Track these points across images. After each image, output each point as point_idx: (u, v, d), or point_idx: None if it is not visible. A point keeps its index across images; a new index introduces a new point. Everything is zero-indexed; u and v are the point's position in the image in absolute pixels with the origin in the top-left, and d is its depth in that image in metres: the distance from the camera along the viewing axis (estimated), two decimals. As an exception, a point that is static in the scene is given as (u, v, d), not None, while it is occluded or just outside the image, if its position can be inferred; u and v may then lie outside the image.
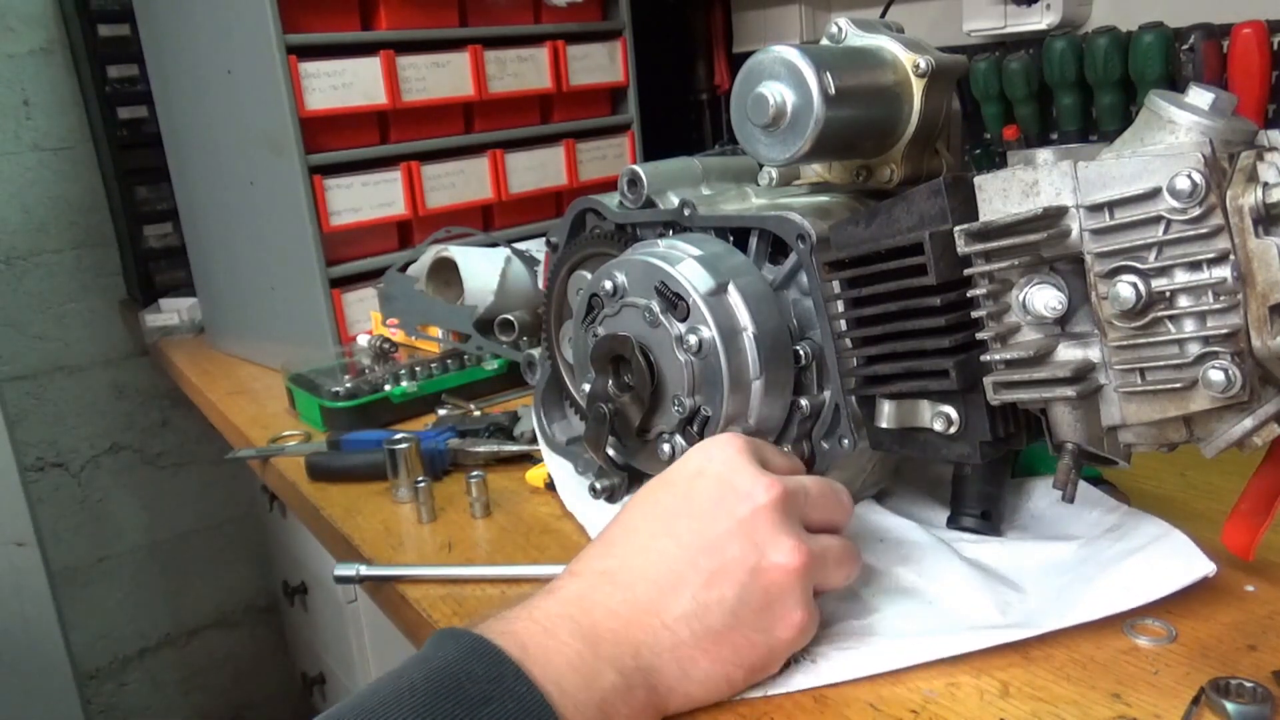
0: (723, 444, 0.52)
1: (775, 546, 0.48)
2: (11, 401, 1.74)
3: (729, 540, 0.48)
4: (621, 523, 0.52)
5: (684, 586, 0.48)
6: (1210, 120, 0.46)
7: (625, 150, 1.38)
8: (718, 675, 0.48)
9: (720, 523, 0.49)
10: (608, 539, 0.51)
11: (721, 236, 0.64)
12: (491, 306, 0.97)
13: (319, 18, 1.09)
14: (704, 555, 0.48)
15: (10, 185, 1.69)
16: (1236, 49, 0.94)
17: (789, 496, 0.50)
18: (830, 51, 0.60)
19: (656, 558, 0.49)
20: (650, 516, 0.51)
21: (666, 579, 0.48)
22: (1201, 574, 0.51)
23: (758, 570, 0.48)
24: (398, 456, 0.79)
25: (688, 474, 0.52)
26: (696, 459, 0.52)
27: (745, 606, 0.47)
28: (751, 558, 0.48)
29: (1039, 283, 0.49)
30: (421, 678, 0.42)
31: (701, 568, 0.48)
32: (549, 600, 0.48)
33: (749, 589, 0.48)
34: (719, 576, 0.48)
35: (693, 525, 0.49)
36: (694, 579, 0.48)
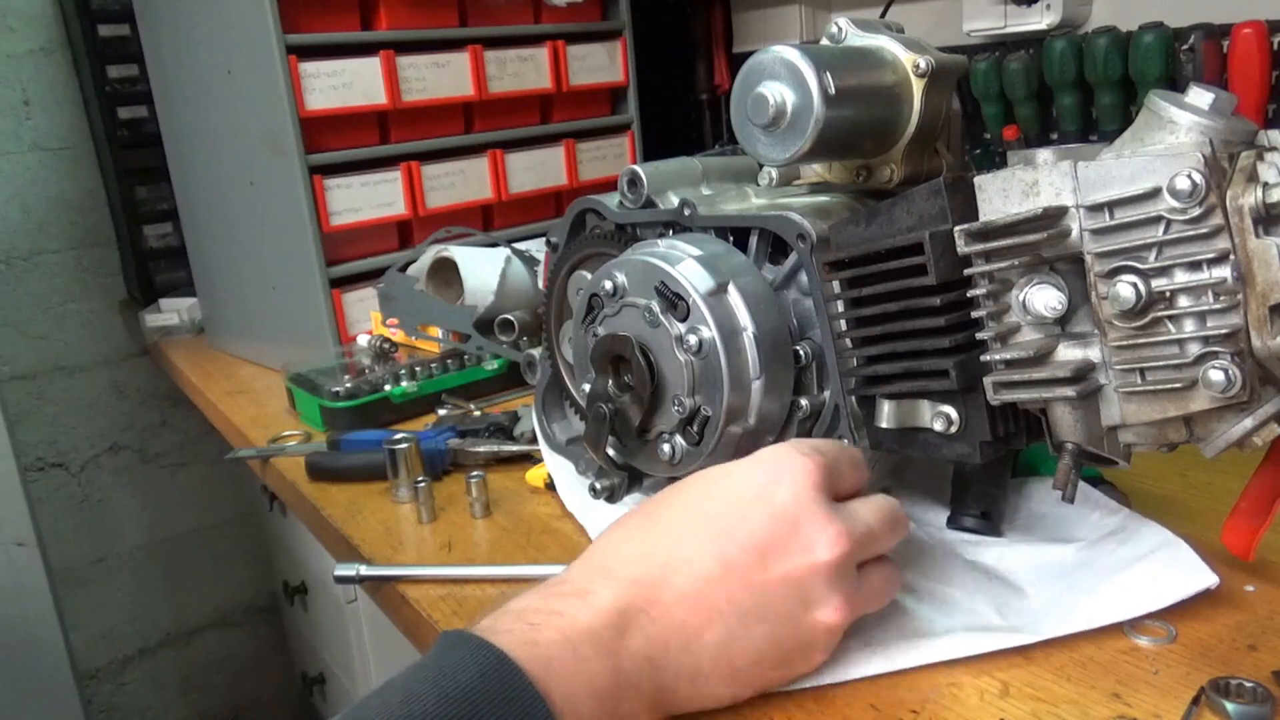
0: (795, 472, 0.48)
1: (824, 604, 0.47)
2: (11, 401, 1.74)
3: (777, 587, 0.46)
4: (664, 521, 0.49)
5: (719, 620, 0.45)
6: (1210, 120, 0.46)
7: (625, 150, 1.38)
8: (726, 697, 0.47)
9: (773, 566, 0.46)
10: (646, 536, 0.48)
11: (721, 236, 0.64)
12: (491, 306, 0.97)
13: (319, 18, 1.09)
14: (747, 593, 0.46)
15: (10, 185, 1.69)
16: (1236, 49, 0.94)
17: (853, 551, 0.47)
18: (830, 51, 0.60)
19: (700, 581, 0.46)
20: (698, 527, 0.48)
21: (704, 608, 0.46)
22: (1204, 586, 0.51)
23: (799, 622, 0.46)
24: (398, 456, 0.79)
25: (750, 494, 0.48)
26: (761, 479, 0.48)
27: (775, 650, 0.47)
28: (797, 611, 0.46)
29: (1039, 283, 0.49)
30: (434, 699, 0.40)
31: (741, 605, 0.46)
32: (581, 608, 0.44)
33: (783, 637, 0.46)
34: (756, 618, 0.46)
35: (743, 558, 0.46)
36: (730, 614, 0.46)
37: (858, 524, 0.48)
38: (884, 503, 0.51)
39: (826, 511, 0.47)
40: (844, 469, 0.51)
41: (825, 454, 0.50)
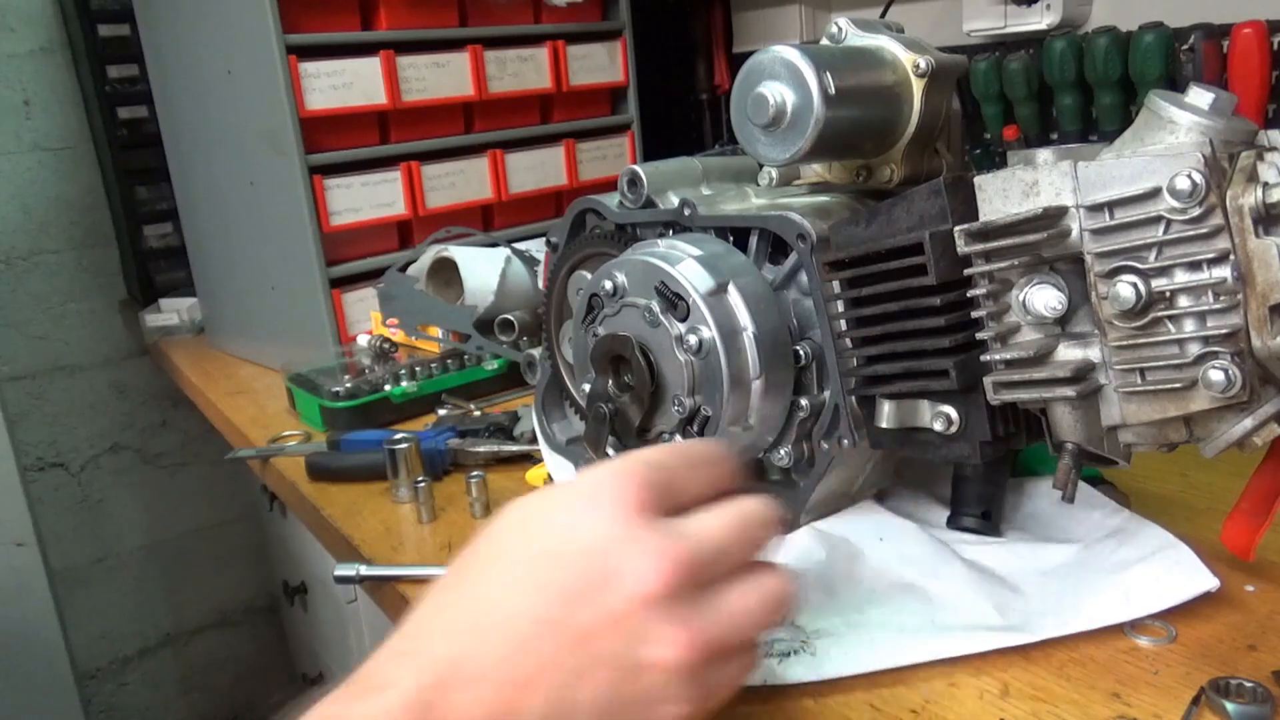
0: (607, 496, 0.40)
1: (656, 641, 0.38)
2: (11, 401, 1.74)
3: (602, 633, 0.38)
4: (475, 579, 0.41)
5: (544, 685, 0.38)
6: (1210, 120, 0.46)
7: (625, 150, 1.38)
8: None
9: (593, 608, 0.38)
10: (458, 601, 0.41)
11: (721, 236, 0.64)
12: (491, 306, 0.97)
13: (319, 18, 1.09)
14: (570, 649, 0.38)
15: (10, 185, 1.69)
16: (1236, 49, 0.94)
17: (683, 571, 0.39)
18: (830, 51, 0.60)
19: (516, 646, 0.38)
20: (511, 581, 0.40)
21: (524, 674, 0.38)
22: (1204, 589, 0.51)
23: (635, 670, 0.38)
24: (398, 456, 0.79)
25: (560, 530, 0.41)
26: (571, 511, 0.41)
27: (619, 708, 0.38)
28: (629, 656, 0.38)
29: (1039, 283, 0.49)
30: None
31: (565, 664, 0.38)
32: (373, 706, 0.37)
33: (622, 690, 0.38)
34: (587, 675, 0.38)
35: (559, 609, 0.39)
36: (556, 677, 0.38)
37: (690, 538, 0.40)
38: (735, 506, 0.43)
39: (644, 534, 0.39)
40: (683, 474, 0.43)
41: (653, 464, 0.42)
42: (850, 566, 0.59)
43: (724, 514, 0.42)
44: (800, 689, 0.50)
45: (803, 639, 0.53)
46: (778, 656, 0.51)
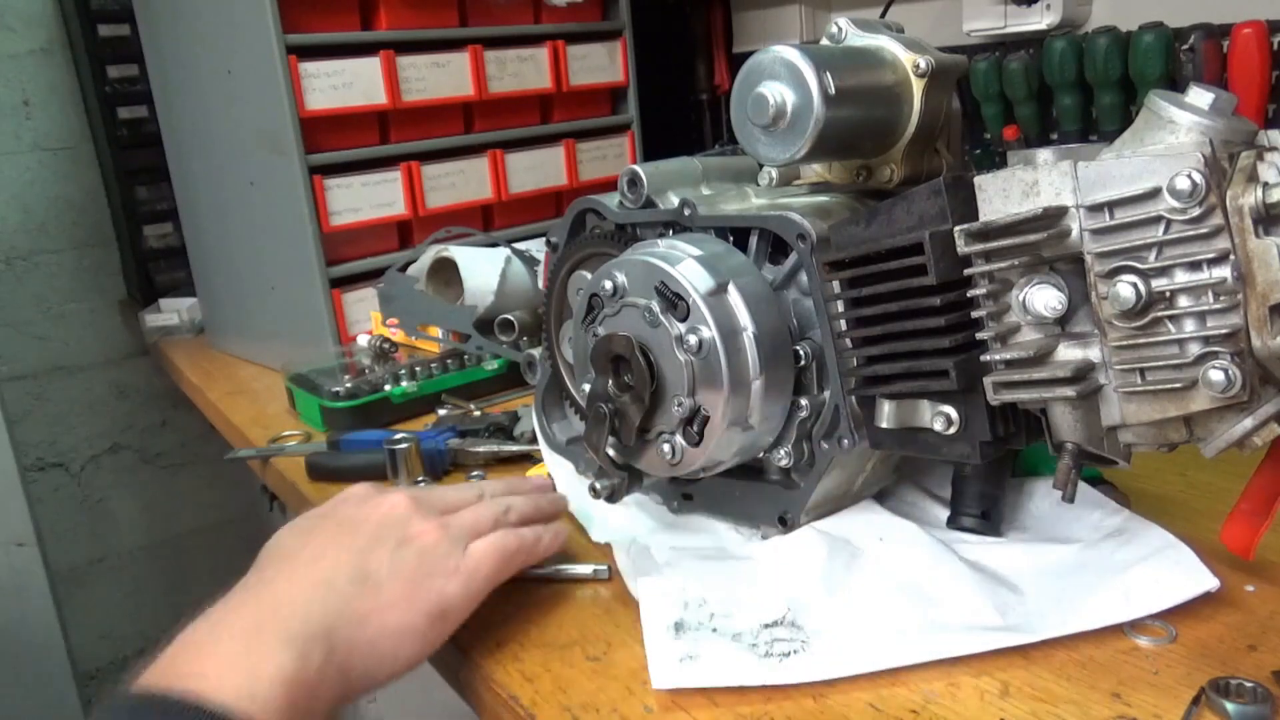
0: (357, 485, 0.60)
1: (414, 525, 0.55)
2: (11, 401, 1.74)
3: (374, 528, 0.55)
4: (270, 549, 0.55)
5: (340, 558, 0.52)
6: (1210, 120, 0.46)
7: (625, 150, 1.38)
8: (396, 623, 0.51)
9: (364, 520, 0.55)
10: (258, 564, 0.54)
11: (721, 236, 0.64)
12: (491, 306, 0.97)
13: (319, 18, 1.08)
14: (352, 540, 0.54)
15: (10, 185, 1.69)
16: (1236, 49, 0.94)
17: (417, 499, 0.57)
18: (830, 51, 0.60)
19: (310, 555, 0.53)
20: (297, 535, 0.55)
21: (321, 558, 0.52)
22: (1205, 589, 0.51)
23: (404, 539, 0.54)
24: (398, 456, 0.79)
25: (329, 505, 0.58)
26: (337, 497, 0.59)
27: (403, 564, 0.53)
28: (396, 532, 0.54)
29: (1039, 283, 0.49)
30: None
31: (354, 547, 0.53)
32: (203, 624, 0.47)
33: (400, 551, 0.53)
34: (371, 548, 0.53)
35: (340, 528, 0.55)
36: (347, 556, 0.52)
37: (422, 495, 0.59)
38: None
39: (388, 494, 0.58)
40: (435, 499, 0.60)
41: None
42: (850, 566, 0.59)
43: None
44: (800, 689, 0.50)
45: (803, 639, 0.53)
46: (778, 656, 0.51)
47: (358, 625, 0.49)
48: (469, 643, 0.57)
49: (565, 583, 0.63)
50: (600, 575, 0.63)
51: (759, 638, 0.53)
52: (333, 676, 0.47)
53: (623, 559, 0.63)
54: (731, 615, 0.55)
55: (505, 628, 0.58)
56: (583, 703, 0.51)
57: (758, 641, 0.53)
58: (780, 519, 0.63)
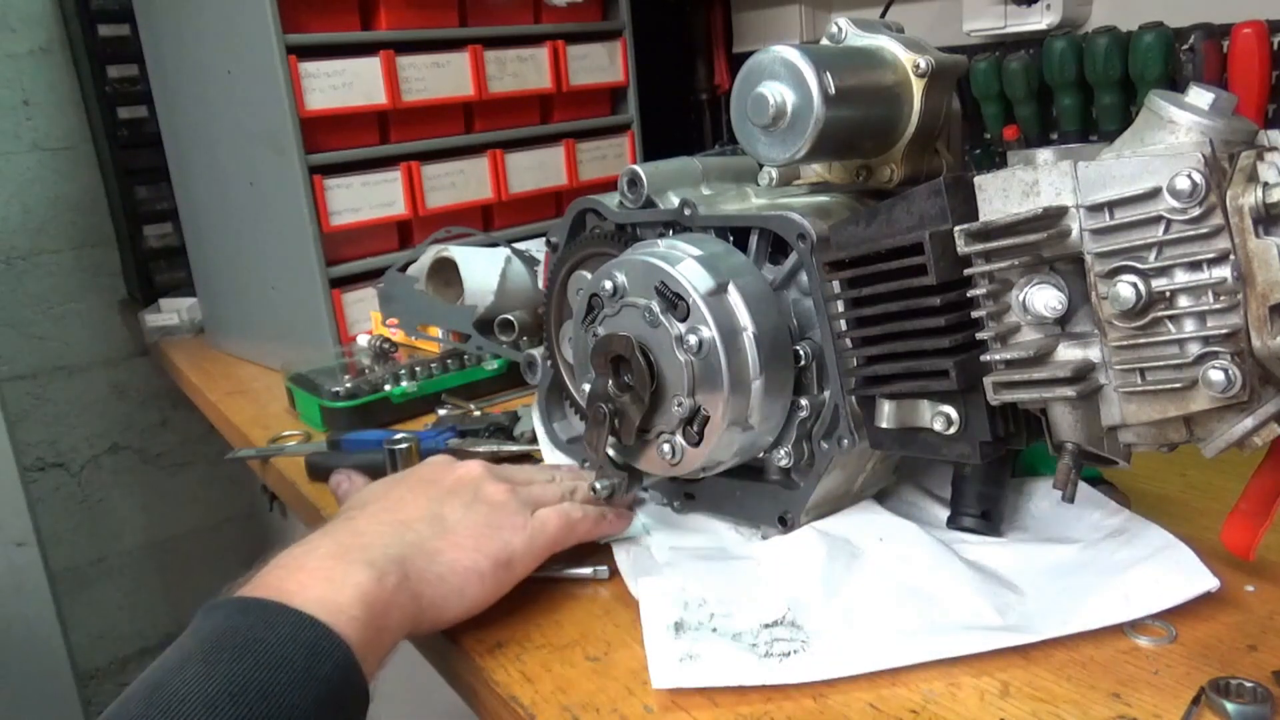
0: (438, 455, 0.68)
1: (487, 487, 0.61)
2: (11, 401, 1.74)
3: (449, 483, 0.62)
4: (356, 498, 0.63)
5: (418, 504, 0.59)
6: (1210, 120, 0.46)
7: (625, 150, 1.38)
8: (464, 563, 0.56)
9: (441, 479, 0.62)
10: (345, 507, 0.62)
11: (721, 236, 0.64)
12: (491, 306, 0.97)
13: (319, 18, 1.08)
14: (432, 492, 0.61)
15: (10, 185, 1.69)
16: (1236, 49, 0.94)
17: (490, 468, 0.64)
18: (830, 51, 0.60)
19: (392, 502, 0.60)
20: (381, 488, 0.63)
21: (402, 506, 0.59)
22: (1205, 589, 0.51)
23: (477, 496, 0.60)
24: (398, 456, 0.79)
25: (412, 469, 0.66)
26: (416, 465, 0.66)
27: (473, 513, 0.59)
28: (470, 490, 0.61)
29: (1039, 283, 0.49)
30: (196, 645, 0.45)
31: (433, 496, 0.60)
32: (293, 550, 0.53)
33: (473, 505, 0.60)
34: (446, 499, 0.60)
35: (420, 484, 0.62)
36: (425, 503, 0.59)
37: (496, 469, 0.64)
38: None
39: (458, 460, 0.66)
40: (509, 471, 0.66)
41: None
42: (850, 566, 0.59)
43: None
44: (800, 689, 0.50)
45: (803, 639, 0.53)
46: (778, 656, 0.51)
47: (429, 559, 0.55)
48: (469, 643, 0.57)
49: (565, 583, 0.63)
50: (600, 575, 0.63)
51: (759, 638, 0.53)
52: (405, 600, 0.52)
53: (623, 559, 0.63)
54: (731, 615, 0.55)
55: (505, 628, 0.58)
56: (583, 703, 0.51)
57: (758, 641, 0.53)
58: (780, 519, 0.63)
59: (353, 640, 0.47)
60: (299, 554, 0.52)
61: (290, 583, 0.49)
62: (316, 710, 0.45)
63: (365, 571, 0.51)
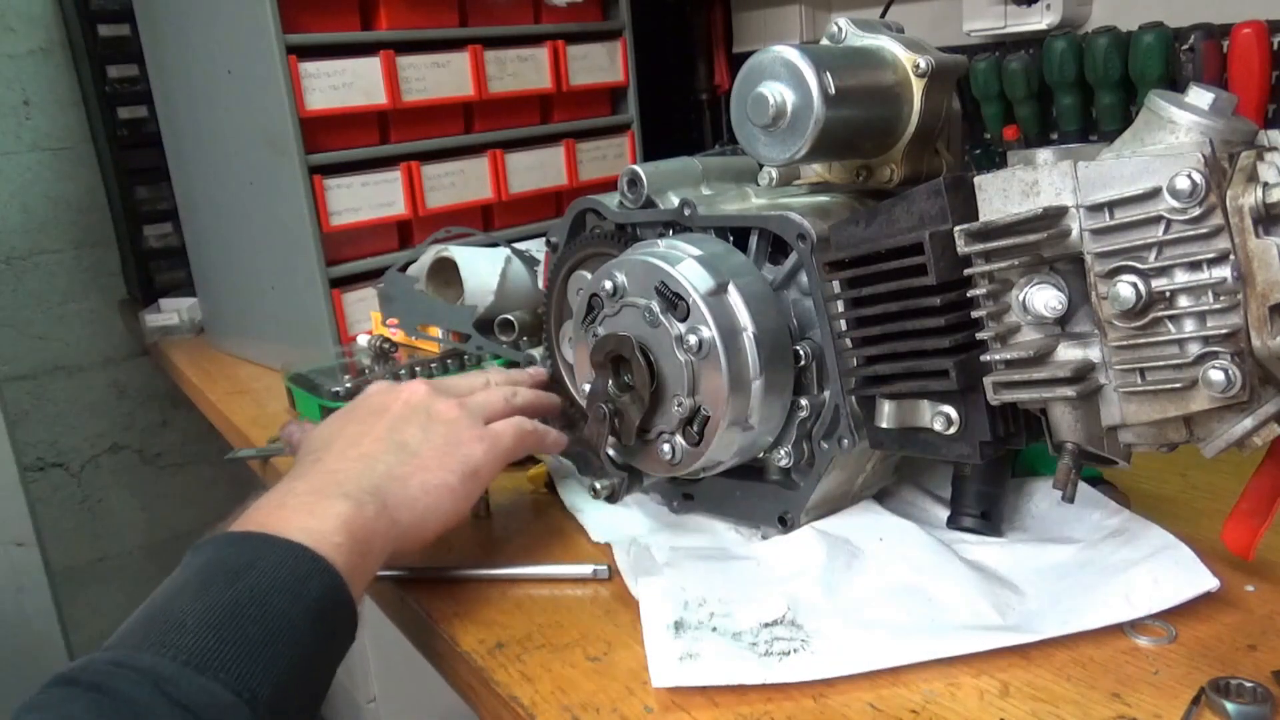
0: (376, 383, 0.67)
1: (437, 404, 0.63)
2: (11, 401, 1.74)
3: (399, 410, 0.62)
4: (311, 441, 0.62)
5: (377, 435, 0.60)
6: (1210, 120, 0.46)
7: (625, 150, 1.38)
8: (435, 481, 0.58)
9: (391, 406, 0.63)
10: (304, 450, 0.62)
11: (721, 236, 0.64)
12: (491, 306, 0.97)
13: (319, 18, 1.08)
14: (386, 422, 0.61)
15: (10, 185, 1.69)
16: (1236, 49, 0.94)
17: (433, 385, 0.65)
18: (830, 51, 0.60)
19: (351, 437, 0.60)
20: (333, 426, 0.63)
21: (363, 439, 0.60)
22: (1205, 589, 0.51)
23: (430, 418, 0.62)
24: (398, 456, 0.78)
25: (355, 401, 0.66)
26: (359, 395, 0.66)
27: (432, 434, 0.61)
28: (421, 413, 0.62)
29: (1039, 283, 0.49)
30: (189, 576, 0.48)
31: (389, 425, 0.61)
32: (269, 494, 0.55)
33: (429, 427, 0.61)
34: (401, 426, 0.61)
35: (371, 415, 0.62)
36: (384, 432, 0.60)
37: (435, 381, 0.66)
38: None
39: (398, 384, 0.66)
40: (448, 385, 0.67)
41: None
42: (850, 566, 0.59)
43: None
44: (800, 689, 0.50)
45: (803, 639, 0.53)
46: (777, 656, 0.51)
47: (402, 484, 0.57)
48: (469, 643, 0.57)
49: (565, 583, 0.63)
50: (600, 575, 0.63)
51: (759, 637, 0.53)
52: (385, 526, 0.54)
53: (623, 559, 0.63)
54: (731, 615, 0.55)
55: (505, 628, 0.59)
56: (583, 703, 0.51)
57: (758, 641, 0.53)
58: (780, 519, 0.63)
59: (338, 564, 0.50)
60: (277, 496, 0.54)
61: (273, 519, 0.51)
62: (310, 625, 0.47)
63: (344, 503, 0.53)
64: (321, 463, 0.58)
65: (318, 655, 0.48)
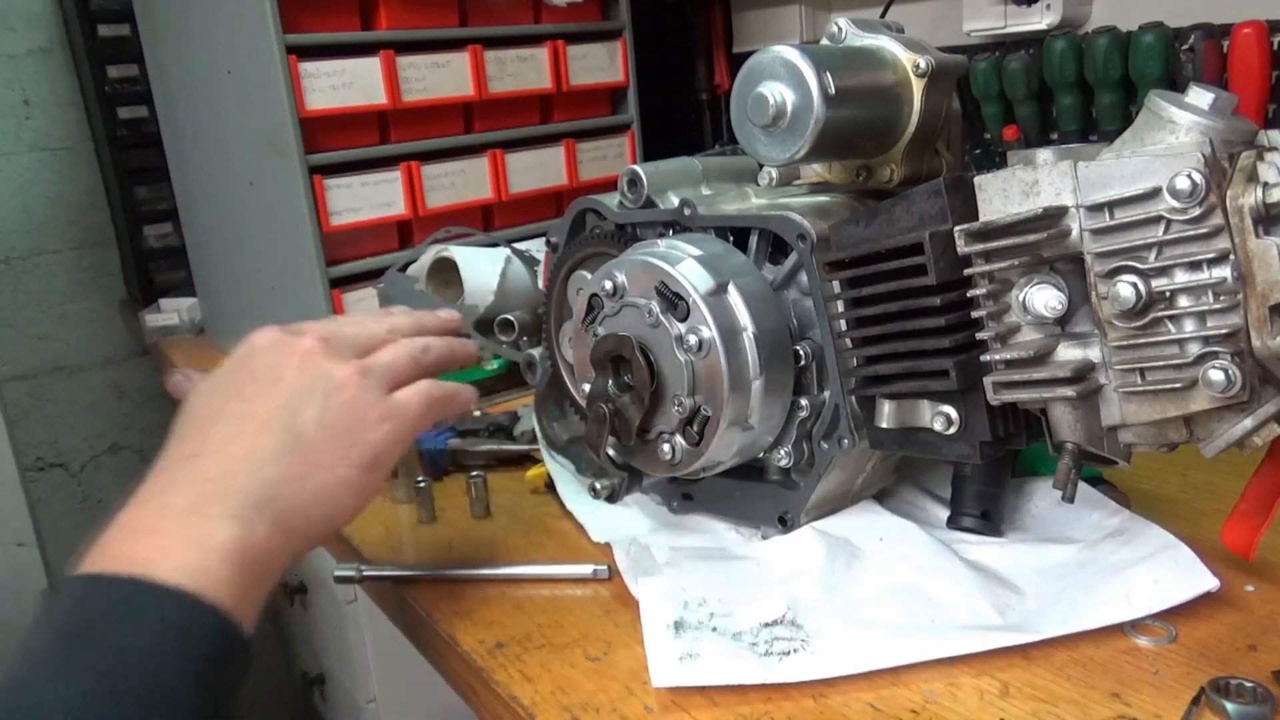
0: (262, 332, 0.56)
1: (334, 371, 0.53)
2: (11, 401, 1.74)
3: (292, 380, 0.53)
4: (188, 416, 0.54)
5: (266, 418, 0.51)
6: (1210, 120, 0.46)
7: (625, 150, 1.38)
8: (332, 481, 0.51)
9: (283, 374, 0.53)
10: (180, 434, 0.53)
11: (721, 236, 0.64)
12: (491, 306, 0.97)
13: (319, 18, 1.08)
14: (278, 399, 0.52)
15: (10, 185, 1.69)
16: (1236, 49, 0.94)
17: (329, 339, 0.55)
18: (830, 51, 0.60)
19: (234, 421, 0.51)
20: (214, 397, 0.54)
21: (247, 425, 0.51)
22: (1205, 589, 0.51)
23: (328, 392, 0.52)
24: (398, 456, 0.78)
25: (239, 358, 0.55)
26: (243, 346, 0.55)
27: (330, 419, 0.52)
28: (319, 385, 0.53)
29: (1039, 283, 0.49)
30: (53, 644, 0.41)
31: (280, 405, 0.52)
32: (138, 509, 0.48)
33: (327, 406, 0.52)
34: (296, 406, 0.52)
35: (258, 387, 0.53)
36: (274, 414, 0.51)
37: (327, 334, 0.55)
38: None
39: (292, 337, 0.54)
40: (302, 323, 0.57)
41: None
42: (850, 566, 0.59)
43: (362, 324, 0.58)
44: (800, 689, 0.50)
45: (803, 638, 0.53)
46: (777, 655, 0.51)
47: (296, 490, 0.50)
48: (469, 643, 0.57)
49: (565, 583, 0.63)
50: (600, 575, 0.63)
51: (759, 637, 0.53)
52: (278, 543, 0.48)
53: (623, 559, 0.63)
54: (731, 614, 0.55)
55: (505, 628, 0.59)
56: (583, 703, 0.51)
57: (758, 640, 0.53)
58: (780, 519, 0.63)
59: (226, 602, 0.44)
60: (149, 512, 0.47)
61: (145, 548, 0.44)
62: (199, 687, 0.41)
63: (230, 526, 0.46)
64: (199, 463, 0.50)
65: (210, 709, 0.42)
